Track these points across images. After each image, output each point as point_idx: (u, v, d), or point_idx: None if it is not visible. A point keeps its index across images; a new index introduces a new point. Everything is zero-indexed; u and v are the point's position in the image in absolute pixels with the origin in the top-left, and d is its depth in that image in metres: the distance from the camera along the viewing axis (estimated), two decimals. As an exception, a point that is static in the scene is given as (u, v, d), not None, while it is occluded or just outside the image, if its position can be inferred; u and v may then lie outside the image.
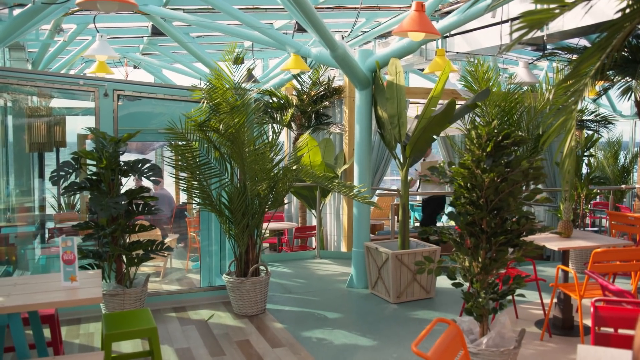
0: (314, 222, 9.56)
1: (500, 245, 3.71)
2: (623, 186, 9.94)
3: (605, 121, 10.84)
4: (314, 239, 9.38)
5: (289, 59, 8.09)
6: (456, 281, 3.90)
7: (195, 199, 5.69)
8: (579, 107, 3.63)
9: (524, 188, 3.78)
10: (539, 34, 7.29)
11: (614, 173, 10.99)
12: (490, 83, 6.47)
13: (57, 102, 7.65)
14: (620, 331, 3.09)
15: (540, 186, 7.04)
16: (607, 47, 2.98)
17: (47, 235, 8.19)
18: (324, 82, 9.54)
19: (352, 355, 4.58)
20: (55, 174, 5.05)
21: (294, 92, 9.94)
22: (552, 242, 4.99)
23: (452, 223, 11.64)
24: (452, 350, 2.56)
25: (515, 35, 2.77)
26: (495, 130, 3.69)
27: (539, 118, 6.56)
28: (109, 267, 5.17)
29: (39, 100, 7.40)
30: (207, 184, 5.59)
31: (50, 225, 8.46)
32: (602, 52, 3.02)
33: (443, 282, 6.54)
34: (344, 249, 8.85)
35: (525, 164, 3.62)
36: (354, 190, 5.74)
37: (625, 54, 7.09)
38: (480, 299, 3.70)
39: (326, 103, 9.39)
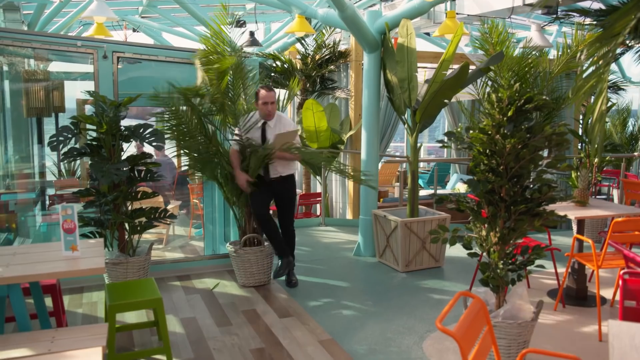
0: (319, 189, 9.42)
1: (519, 214, 3.55)
2: (636, 154, 9.75)
3: (615, 87, 10.61)
4: (318, 205, 9.25)
5: (293, 21, 7.83)
6: (472, 251, 3.75)
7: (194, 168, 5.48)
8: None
9: (545, 155, 3.61)
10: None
11: (622, 140, 10.81)
12: (505, 46, 6.22)
13: (55, 66, 7.43)
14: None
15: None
16: (645, 3, 2.77)
17: (47, 202, 8.06)
18: (329, 46, 9.28)
19: (362, 325, 4.47)
20: (54, 139, 4.86)
21: (298, 56, 9.69)
22: (569, 211, 4.84)
23: (459, 190, 11.50)
24: (477, 326, 2.42)
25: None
26: (517, 94, 3.50)
27: (555, 83, 6.34)
28: (111, 235, 5.03)
29: (36, 63, 7.18)
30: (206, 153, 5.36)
31: (50, 192, 8.32)
32: (638, 9, 2.80)
33: (452, 250, 6.42)
34: (349, 216, 8.73)
35: (548, 129, 3.44)
36: (361, 176, 5.49)
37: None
38: (499, 270, 3.56)
39: (331, 67, 9.16)
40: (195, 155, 5.31)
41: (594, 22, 7.81)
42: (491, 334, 2.51)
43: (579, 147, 8.00)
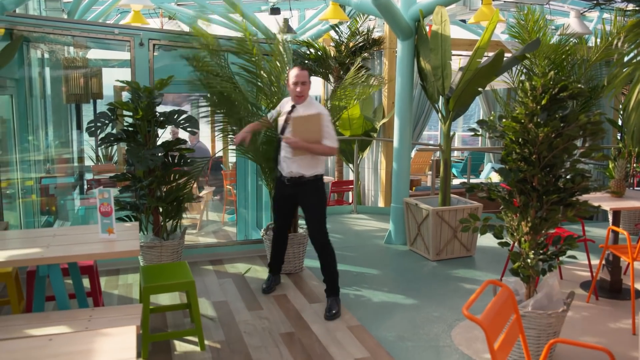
0: (351, 176, 9.44)
1: (552, 204, 3.52)
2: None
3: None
4: (350, 193, 9.27)
5: (327, 9, 7.83)
6: (503, 240, 3.73)
7: (237, 150, 5.54)
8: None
9: (579, 144, 3.56)
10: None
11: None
12: (541, 34, 6.12)
13: (93, 54, 7.60)
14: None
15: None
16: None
17: (85, 187, 8.28)
18: (363, 33, 9.24)
19: (391, 313, 4.49)
20: (91, 125, 4.99)
21: (332, 44, 9.68)
22: (604, 202, 4.75)
23: (492, 180, 11.37)
24: (504, 315, 2.42)
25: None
26: (551, 82, 3.45)
27: (593, 71, 6.20)
28: (146, 219, 5.15)
29: (76, 51, 7.35)
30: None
31: (88, 176, 8.55)
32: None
33: (484, 240, 6.38)
34: (381, 204, 8.73)
35: (583, 118, 3.38)
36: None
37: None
38: (529, 260, 3.53)
39: (365, 54, 9.12)
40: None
41: (637, 8, 7.58)
42: (519, 323, 2.51)
43: (618, 137, 7.82)
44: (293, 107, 4.49)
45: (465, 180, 6.89)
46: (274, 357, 3.72)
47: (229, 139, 5.57)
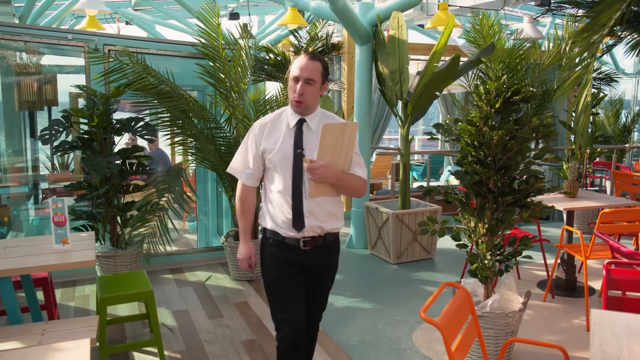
0: (312, 182, 9.40)
1: (507, 206, 3.58)
2: (627, 145, 9.79)
3: (608, 79, 10.63)
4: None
5: (286, 14, 7.83)
6: (461, 242, 3.79)
7: (196, 158, 5.50)
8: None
9: (532, 146, 3.64)
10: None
11: (614, 132, 10.84)
12: (495, 38, 6.24)
13: (47, 60, 7.41)
14: (629, 294, 2.99)
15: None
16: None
17: (40, 196, 8.06)
18: (322, 38, 9.26)
19: (353, 317, 4.50)
20: (45, 132, 4.87)
21: (291, 49, 9.67)
22: (558, 202, 4.87)
23: (453, 182, 11.54)
24: (461, 315, 2.45)
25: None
26: (505, 86, 3.52)
27: (546, 74, 6.35)
28: (103, 228, 5.04)
29: (28, 57, 7.15)
30: (210, 145, 5.37)
31: (44, 185, 8.32)
32: (622, 1, 2.83)
33: (443, 242, 6.46)
34: (343, 208, 8.75)
35: (535, 121, 3.46)
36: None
37: (635, 9, 6.83)
38: (486, 261, 3.59)
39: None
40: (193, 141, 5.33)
41: (586, 13, 7.82)
42: (476, 324, 2.54)
43: (571, 139, 8.03)
44: (301, 121, 2.71)
45: (423, 184, 6.99)
46: (235, 365, 3.69)
47: (189, 149, 5.50)
